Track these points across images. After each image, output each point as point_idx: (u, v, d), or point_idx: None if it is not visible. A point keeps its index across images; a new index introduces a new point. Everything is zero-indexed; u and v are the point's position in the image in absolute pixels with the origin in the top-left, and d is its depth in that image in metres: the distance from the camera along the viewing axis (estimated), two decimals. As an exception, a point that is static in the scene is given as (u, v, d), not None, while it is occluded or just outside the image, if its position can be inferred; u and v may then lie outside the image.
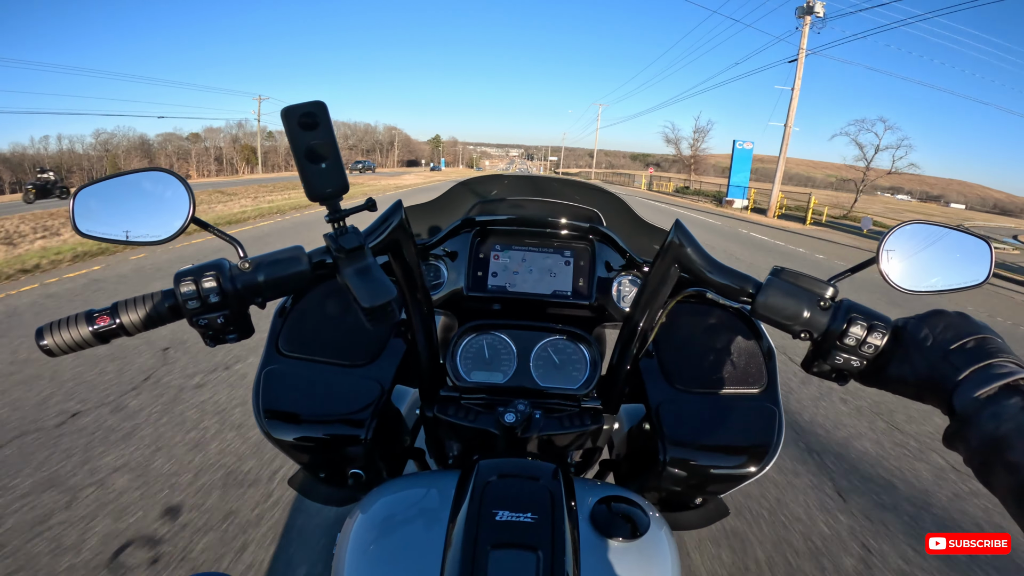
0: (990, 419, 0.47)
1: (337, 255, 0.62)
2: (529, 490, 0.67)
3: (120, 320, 0.60)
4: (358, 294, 0.60)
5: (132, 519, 2.10)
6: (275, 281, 0.63)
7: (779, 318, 0.64)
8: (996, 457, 0.46)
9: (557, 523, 0.61)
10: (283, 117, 0.56)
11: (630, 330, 0.82)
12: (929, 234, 0.68)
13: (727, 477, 0.83)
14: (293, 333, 0.92)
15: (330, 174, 0.58)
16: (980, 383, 0.50)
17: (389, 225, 0.69)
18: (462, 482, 0.72)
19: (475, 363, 1.00)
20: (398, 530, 0.70)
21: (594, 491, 0.75)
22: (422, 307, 0.82)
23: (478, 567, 0.56)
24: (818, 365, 0.65)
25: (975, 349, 0.53)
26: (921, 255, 0.67)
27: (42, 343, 0.58)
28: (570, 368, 1.00)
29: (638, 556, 0.66)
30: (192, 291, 0.59)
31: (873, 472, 2.80)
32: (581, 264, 1.08)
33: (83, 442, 2.63)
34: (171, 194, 0.65)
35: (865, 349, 0.60)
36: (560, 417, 0.90)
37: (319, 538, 2.05)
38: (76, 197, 0.64)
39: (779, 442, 0.84)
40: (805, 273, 0.65)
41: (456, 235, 1.10)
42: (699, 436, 0.84)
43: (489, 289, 1.07)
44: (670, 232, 0.73)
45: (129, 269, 6.53)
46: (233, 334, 0.64)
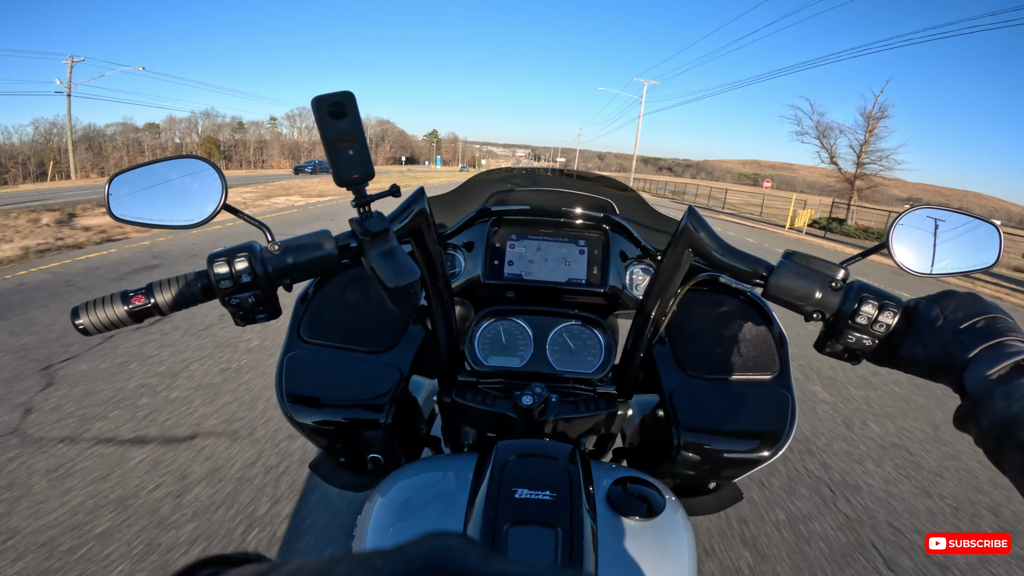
0: (1002, 398, 0.47)
1: (363, 238, 0.64)
2: (547, 469, 0.68)
3: (155, 299, 0.62)
4: (383, 275, 0.62)
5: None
6: (303, 263, 0.65)
7: (791, 299, 0.65)
8: (1008, 437, 0.46)
9: (575, 501, 0.63)
10: (313, 106, 0.58)
11: (644, 316, 0.84)
12: (939, 219, 0.69)
13: (740, 461, 0.85)
14: (314, 320, 0.94)
15: (357, 161, 0.60)
16: (991, 362, 0.50)
17: (412, 211, 0.71)
18: (481, 463, 0.74)
19: (492, 348, 1.02)
20: (417, 512, 0.72)
21: (610, 473, 0.76)
22: (442, 293, 0.83)
23: (498, 543, 0.58)
24: (831, 345, 0.66)
25: (985, 328, 0.53)
26: (930, 239, 0.68)
27: (78, 322, 0.60)
28: (585, 353, 1.02)
29: (654, 535, 0.68)
30: (225, 272, 0.62)
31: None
32: (595, 253, 1.10)
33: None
34: (203, 180, 0.67)
35: (877, 328, 0.61)
36: (576, 401, 0.92)
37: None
38: (111, 183, 0.66)
39: (792, 427, 0.85)
40: (817, 256, 0.66)
41: (473, 225, 1.12)
42: (712, 421, 0.85)
43: (505, 277, 1.09)
44: (683, 218, 0.74)
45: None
46: (263, 314, 0.66)
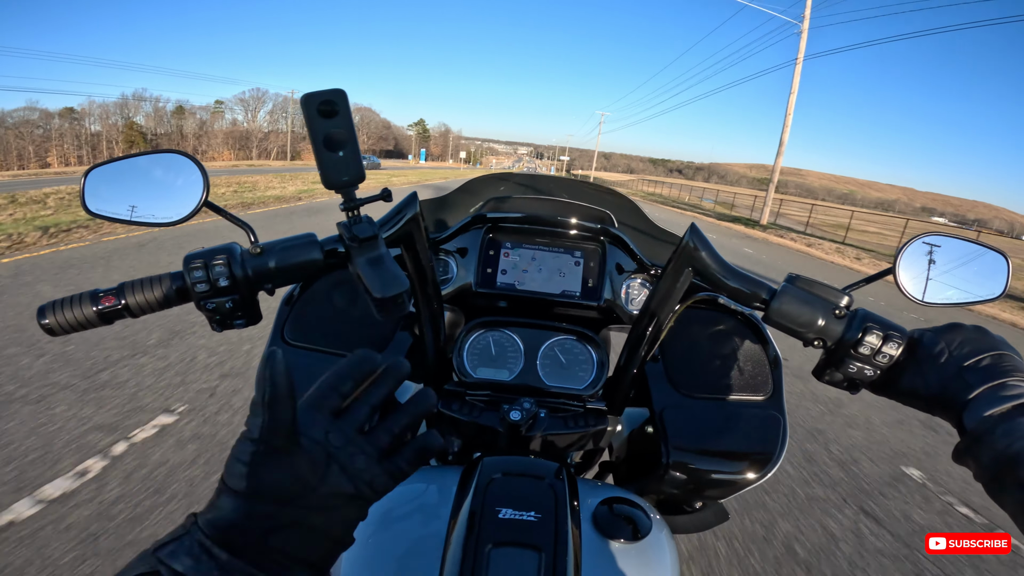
0: (1002, 436, 0.47)
1: (350, 244, 0.62)
2: (533, 489, 0.66)
3: (126, 301, 0.59)
4: (370, 284, 0.59)
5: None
6: (286, 268, 0.62)
7: (793, 325, 0.63)
8: (1008, 474, 0.46)
9: (560, 522, 0.61)
10: (303, 104, 0.55)
11: (639, 333, 0.82)
12: (946, 247, 0.67)
13: (728, 483, 0.83)
14: (299, 323, 0.92)
15: (347, 163, 0.58)
16: (992, 402, 0.50)
17: (403, 216, 0.69)
18: (465, 478, 0.72)
19: (482, 359, 1.00)
20: (398, 524, 0.70)
21: (597, 492, 0.75)
22: (432, 301, 0.81)
23: (479, 564, 0.56)
24: (830, 373, 0.64)
25: (989, 367, 0.52)
26: (937, 267, 0.66)
27: (43, 322, 0.57)
28: (577, 369, 1.00)
29: (639, 558, 0.66)
30: (202, 274, 0.59)
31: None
32: (591, 265, 1.07)
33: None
34: (185, 177, 0.64)
35: (879, 359, 0.59)
36: (565, 417, 0.90)
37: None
38: (87, 176, 0.63)
39: (782, 450, 0.84)
40: (820, 281, 0.64)
41: (467, 231, 1.09)
42: (702, 441, 0.84)
43: (498, 286, 1.07)
44: (685, 235, 0.72)
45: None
46: (241, 319, 0.63)
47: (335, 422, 0.42)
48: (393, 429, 0.44)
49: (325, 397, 0.43)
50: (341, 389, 0.43)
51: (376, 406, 0.44)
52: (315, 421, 0.41)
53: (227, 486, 0.37)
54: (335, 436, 0.41)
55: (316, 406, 0.42)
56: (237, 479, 0.37)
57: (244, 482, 0.37)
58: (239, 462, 0.37)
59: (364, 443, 0.42)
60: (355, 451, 0.41)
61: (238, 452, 0.38)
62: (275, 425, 0.38)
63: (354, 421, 0.43)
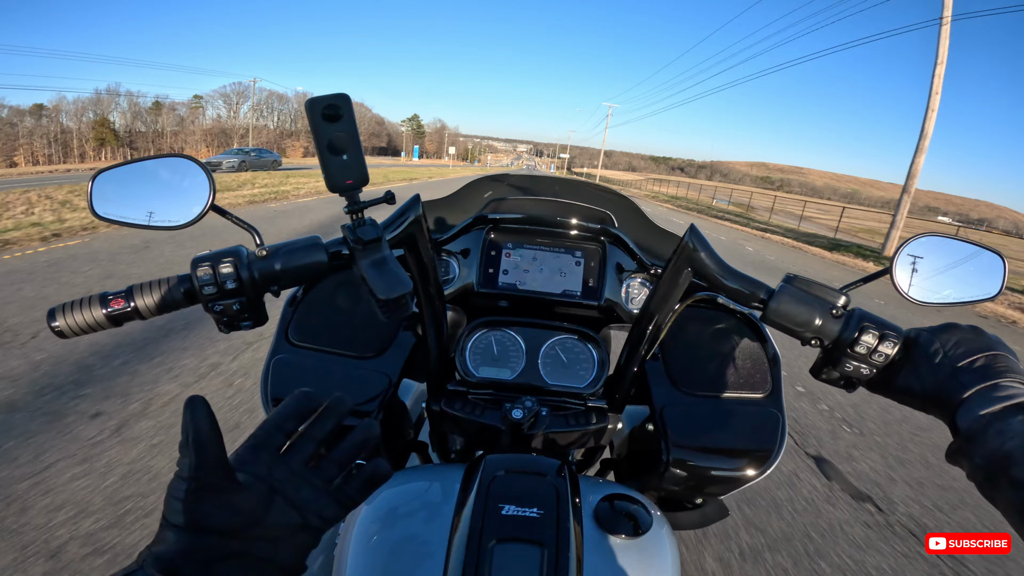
0: (995, 436, 0.47)
1: (354, 246, 0.62)
2: (535, 486, 0.67)
3: (134, 303, 0.60)
4: (374, 286, 0.60)
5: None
6: (292, 270, 0.63)
7: (791, 325, 0.64)
8: (1000, 473, 0.46)
9: (562, 519, 0.62)
10: (307, 109, 0.56)
11: (640, 332, 0.83)
12: (943, 247, 0.68)
13: (728, 479, 0.84)
14: (303, 323, 0.93)
15: (351, 166, 0.58)
16: (985, 402, 0.50)
17: (406, 219, 0.69)
18: (468, 476, 0.73)
19: (484, 359, 1.01)
20: (402, 522, 0.71)
21: (598, 489, 0.76)
22: (434, 301, 0.82)
23: (483, 560, 0.57)
24: (827, 372, 0.65)
25: (984, 368, 0.53)
26: (934, 267, 0.67)
27: (54, 324, 0.58)
28: (578, 367, 1.01)
29: (640, 554, 0.67)
30: (209, 277, 0.60)
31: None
32: (592, 265, 1.08)
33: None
34: (191, 180, 0.65)
35: (875, 358, 0.60)
36: (566, 415, 0.91)
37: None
38: (94, 181, 0.64)
39: (781, 447, 0.85)
40: (818, 281, 0.65)
41: (469, 232, 1.10)
42: (702, 438, 0.85)
43: (499, 286, 1.08)
44: (684, 236, 0.73)
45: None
46: (248, 321, 0.64)
47: (280, 458, 0.45)
48: (339, 459, 0.47)
49: (269, 436, 0.45)
50: (284, 427, 0.46)
51: (321, 440, 0.47)
52: (258, 458, 0.44)
53: (168, 521, 0.40)
54: (278, 470, 0.44)
55: (260, 445, 0.45)
56: (175, 514, 0.39)
57: (181, 517, 0.39)
58: (175, 499, 0.40)
59: (311, 475, 0.45)
60: (300, 483, 0.44)
61: (173, 490, 0.40)
62: (203, 464, 0.40)
63: (299, 456, 0.46)
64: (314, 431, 0.47)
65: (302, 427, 0.47)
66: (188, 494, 0.39)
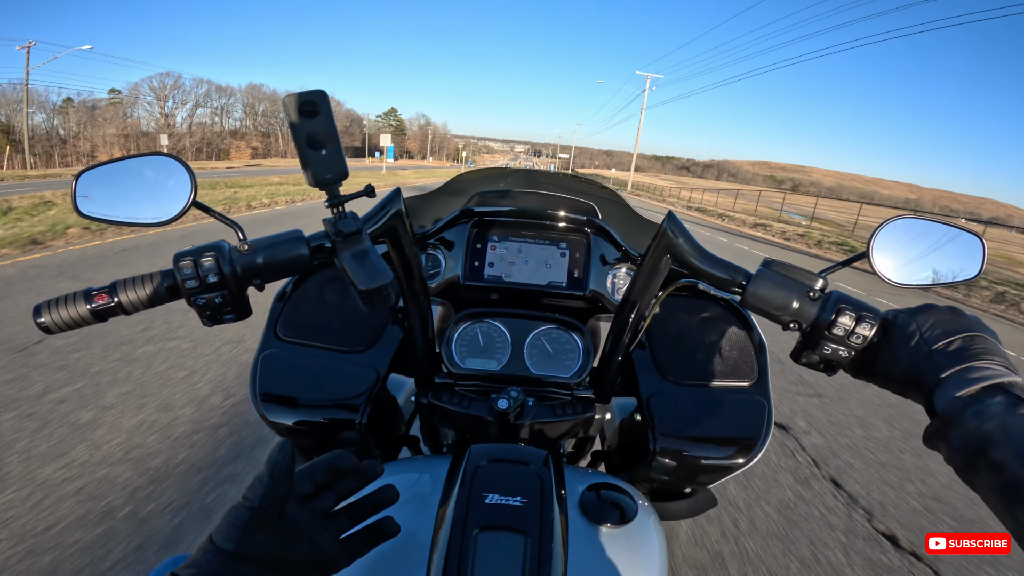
0: (972, 418, 0.46)
1: (335, 239, 0.63)
2: (519, 475, 0.68)
3: (118, 299, 0.61)
4: (355, 276, 0.61)
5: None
6: (274, 263, 0.64)
7: (769, 308, 0.64)
8: (979, 456, 0.45)
9: (546, 507, 0.63)
10: (284, 105, 0.57)
11: (622, 321, 0.83)
12: (921, 229, 0.68)
13: (715, 468, 0.85)
14: (292, 319, 0.94)
15: (330, 161, 0.59)
16: (961, 384, 0.49)
17: (387, 212, 0.70)
18: (454, 466, 0.74)
19: (470, 350, 1.02)
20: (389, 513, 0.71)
21: (584, 478, 0.76)
22: (419, 295, 0.83)
23: (467, 548, 0.58)
24: (807, 356, 0.65)
25: (960, 349, 0.52)
26: (912, 249, 0.67)
27: (39, 320, 0.59)
28: (563, 357, 1.01)
29: (626, 542, 0.67)
30: (191, 271, 0.61)
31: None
32: (576, 256, 1.09)
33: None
34: (173, 178, 0.66)
35: (853, 340, 0.60)
36: (553, 405, 0.91)
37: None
38: (78, 180, 0.65)
39: (767, 435, 0.85)
40: (796, 265, 0.65)
41: (454, 225, 1.11)
42: (689, 428, 0.85)
43: (485, 279, 1.09)
44: (663, 223, 0.74)
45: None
46: (231, 314, 0.65)
47: (306, 504, 0.52)
48: (354, 515, 0.55)
49: (300, 484, 0.52)
50: (315, 478, 0.53)
51: (343, 497, 0.55)
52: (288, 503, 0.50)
53: (215, 545, 0.44)
54: (306, 515, 0.51)
55: (295, 491, 0.51)
56: (227, 540, 0.44)
57: (233, 544, 0.44)
58: (233, 526, 0.45)
59: (328, 524, 0.52)
60: (320, 529, 0.51)
61: (233, 517, 0.46)
62: (273, 498, 0.47)
63: (321, 505, 0.53)
64: (340, 488, 0.54)
65: (332, 481, 0.54)
66: (249, 523, 0.45)
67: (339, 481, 0.54)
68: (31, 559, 1.83)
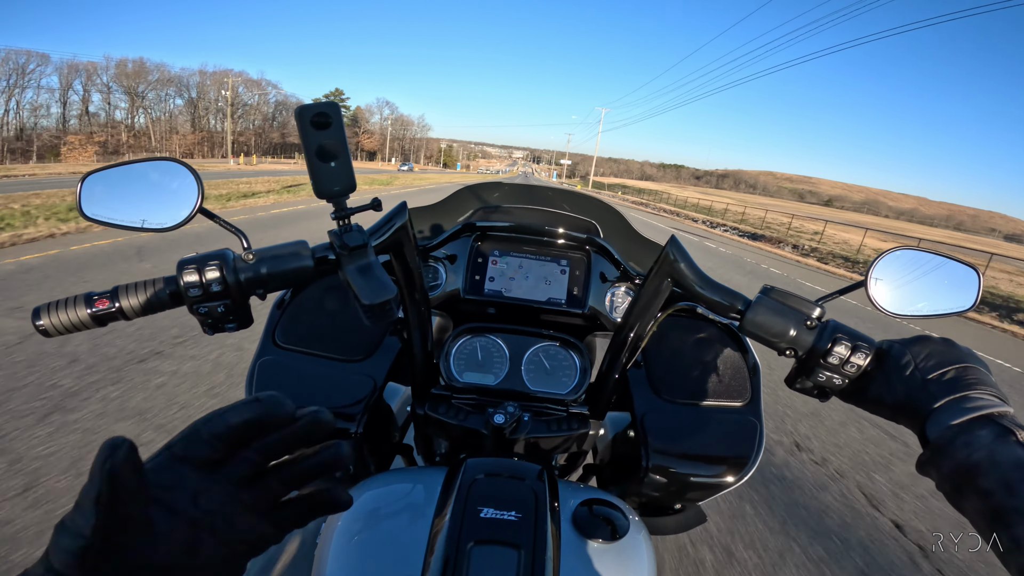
0: (962, 447, 0.48)
1: (340, 251, 0.63)
2: (514, 489, 0.68)
3: (119, 304, 0.60)
4: (359, 291, 0.61)
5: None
6: (278, 274, 0.64)
7: (766, 335, 0.65)
8: (968, 484, 0.47)
9: (540, 522, 0.63)
10: (296, 116, 0.57)
11: (621, 340, 0.84)
12: (918, 260, 0.69)
13: (706, 486, 0.85)
14: (290, 326, 0.94)
15: (339, 173, 0.60)
16: (954, 414, 0.51)
17: (393, 225, 0.70)
18: (449, 479, 0.74)
19: (468, 364, 1.02)
20: (383, 523, 0.71)
21: (577, 493, 0.77)
22: (420, 307, 0.83)
23: (460, 561, 0.58)
24: (801, 382, 0.66)
25: (953, 380, 0.54)
26: (909, 280, 0.68)
27: (38, 323, 0.58)
28: (560, 374, 1.02)
29: (616, 557, 0.68)
30: (195, 280, 0.60)
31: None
32: (576, 273, 1.10)
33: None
34: (180, 183, 0.66)
35: (847, 368, 0.61)
36: (548, 421, 0.92)
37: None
38: (83, 182, 0.65)
39: (759, 454, 0.86)
40: (794, 293, 0.66)
41: (456, 239, 1.12)
42: (681, 445, 0.86)
43: (486, 293, 1.09)
44: (665, 247, 0.74)
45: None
46: (232, 323, 0.65)
47: (211, 477, 0.35)
48: (288, 478, 0.38)
49: (199, 447, 0.35)
50: (228, 439, 0.36)
51: (270, 455, 0.38)
52: (182, 481, 0.34)
53: (55, 569, 0.29)
54: (206, 499, 0.35)
55: (185, 459, 0.35)
56: (68, 567, 0.29)
57: (76, 572, 0.29)
58: (65, 551, 0.29)
59: (248, 496, 0.37)
60: (234, 511, 0.36)
61: (64, 542, 0.29)
62: (113, 525, 0.29)
63: (237, 471, 0.36)
64: (268, 445, 0.37)
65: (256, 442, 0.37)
66: (86, 553, 0.29)
67: (269, 440, 0.37)
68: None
